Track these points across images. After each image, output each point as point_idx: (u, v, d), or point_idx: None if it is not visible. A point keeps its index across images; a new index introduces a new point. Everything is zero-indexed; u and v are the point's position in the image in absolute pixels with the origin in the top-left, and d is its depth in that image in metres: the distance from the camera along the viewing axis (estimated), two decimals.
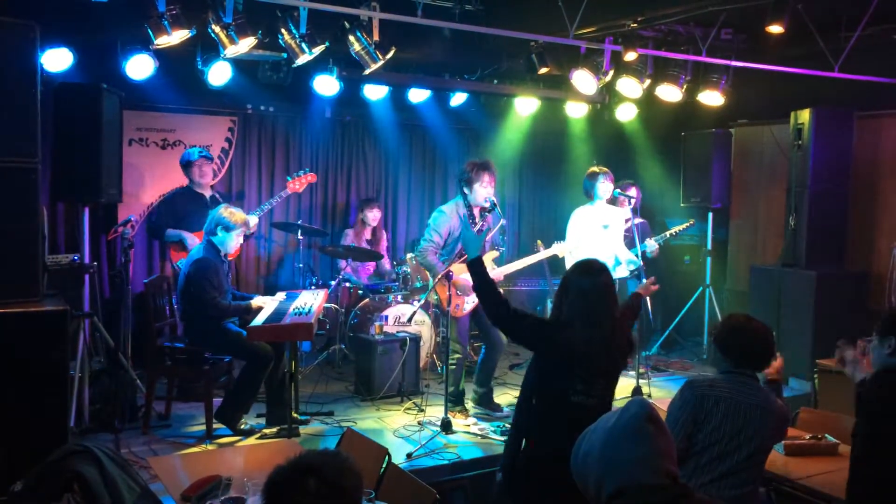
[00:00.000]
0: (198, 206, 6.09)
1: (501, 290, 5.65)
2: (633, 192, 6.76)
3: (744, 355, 3.17)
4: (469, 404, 5.68)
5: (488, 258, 5.60)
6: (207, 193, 6.30)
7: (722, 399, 3.08)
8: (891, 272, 6.45)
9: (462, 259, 5.37)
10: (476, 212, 5.55)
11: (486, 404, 5.67)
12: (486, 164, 5.50)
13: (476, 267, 3.44)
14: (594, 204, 6.09)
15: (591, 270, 3.26)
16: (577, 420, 2.29)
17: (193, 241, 5.95)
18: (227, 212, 5.19)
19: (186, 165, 6.25)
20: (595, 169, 6.25)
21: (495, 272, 5.63)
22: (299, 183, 6.67)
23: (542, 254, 6.16)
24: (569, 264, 5.96)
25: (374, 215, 7.36)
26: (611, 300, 3.25)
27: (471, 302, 5.47)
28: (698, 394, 3.11)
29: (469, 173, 5.46)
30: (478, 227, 5.49)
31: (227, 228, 5.13)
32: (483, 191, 5.43)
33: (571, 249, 6.00)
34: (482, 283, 3.42)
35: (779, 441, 3.36)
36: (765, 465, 3.18)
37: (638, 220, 6.80)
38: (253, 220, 6.18)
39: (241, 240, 5.29)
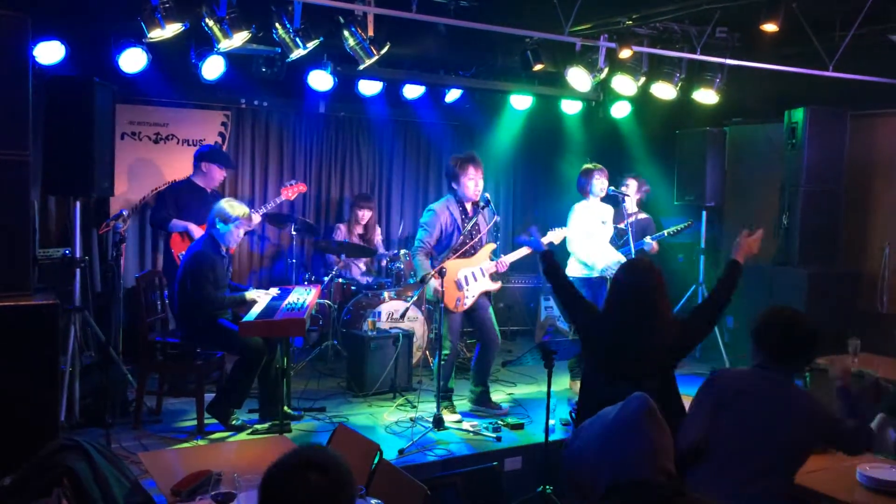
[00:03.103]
0: (198, 199, 6.10)
1: (498, 285, 5.71)
2: (631, 187, 6.75)
3: (776, 352, 3.01)
4: (465, 404, 5.65)
5: (486, 250, 5.59)
6: (209, 188, 6.30)
7: (743, 392, 2.93)
8: (883, 271, 6.47)
9: (458, 254, 5.36)
10: (468, 206, 5.54)
11: (485, 403, 5.62)
12: (470, 156, 5.50)
13: (546, 258, 3.93)
14: (590, 200, 6.10)
15: (633, 270, 3.37)
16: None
17: (199, 233, 5.95)
18: (228, 204, 5.21)
19: (201, 158, 6.27)
20: (589, 166, 6.23)
21: (505, 259, 5.58)
22: (292, 191, 6.71)
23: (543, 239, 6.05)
24: (572, 261, 5.98)
25: (364, 214, 7.32)
26: (645, 303, 3.22)
27: (471, 297, 5.46)
28: (720, 382, 3.01)
29: (454, 168, 5.47)
30: (470, 224, 5.47)
31: (226, 220, 5.12)
32: (470, 183, 5.41)
33: (570, 239, 5.95)
34: (549, 267, 3.85)
35: (812, 444, 2.99)
36: (795, 475, 2.93)
37: (642, 216, 6.79)
38: (256, 217, 6.22)
39: (241, 233, 5.29)
